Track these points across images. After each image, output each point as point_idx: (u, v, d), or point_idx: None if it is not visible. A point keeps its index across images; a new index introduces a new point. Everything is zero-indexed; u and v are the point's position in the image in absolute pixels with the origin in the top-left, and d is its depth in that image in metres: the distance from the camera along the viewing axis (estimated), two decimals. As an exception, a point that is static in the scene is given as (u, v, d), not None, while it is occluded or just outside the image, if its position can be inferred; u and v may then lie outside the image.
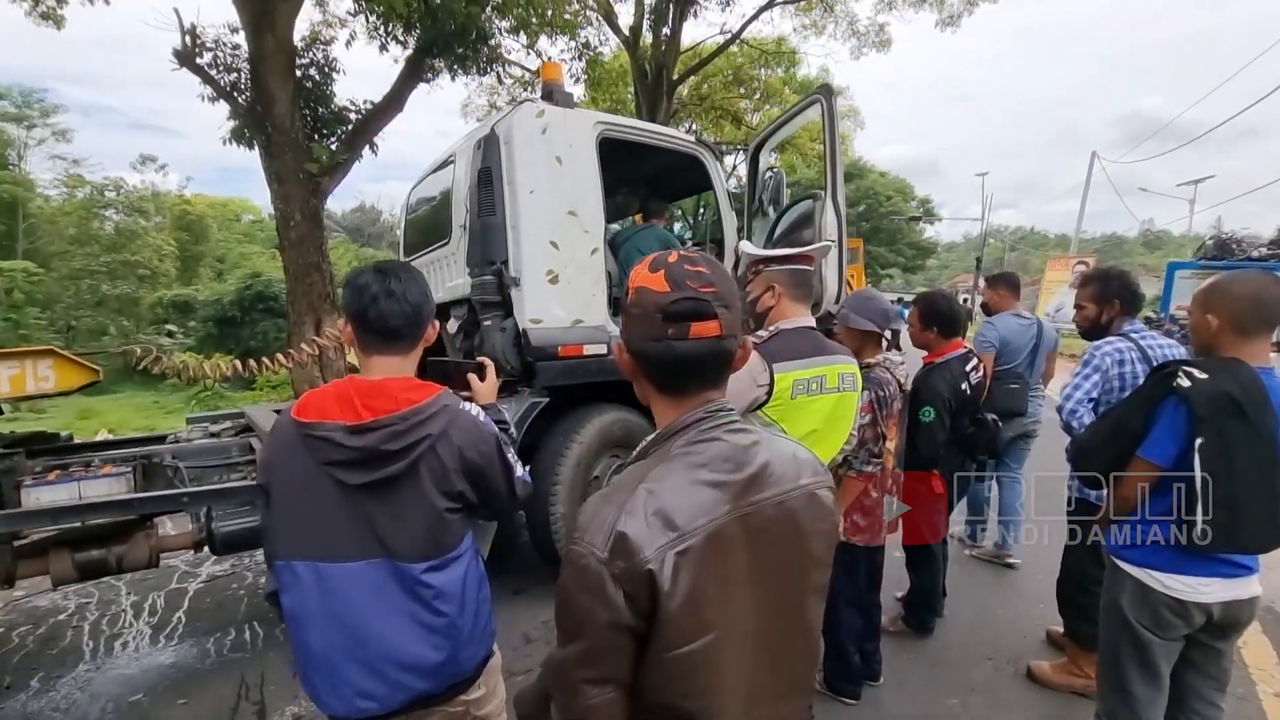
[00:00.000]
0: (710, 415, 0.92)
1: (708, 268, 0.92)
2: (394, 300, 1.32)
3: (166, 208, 36.82)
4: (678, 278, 0.89)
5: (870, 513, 2.38)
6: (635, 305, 0.92)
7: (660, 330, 0.88)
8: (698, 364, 0.91)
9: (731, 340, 0.93)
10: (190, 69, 7.98)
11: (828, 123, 3.48)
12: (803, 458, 0.99)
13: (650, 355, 0.91)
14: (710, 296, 0.89)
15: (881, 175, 43.58)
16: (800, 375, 1.84)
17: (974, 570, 3.85)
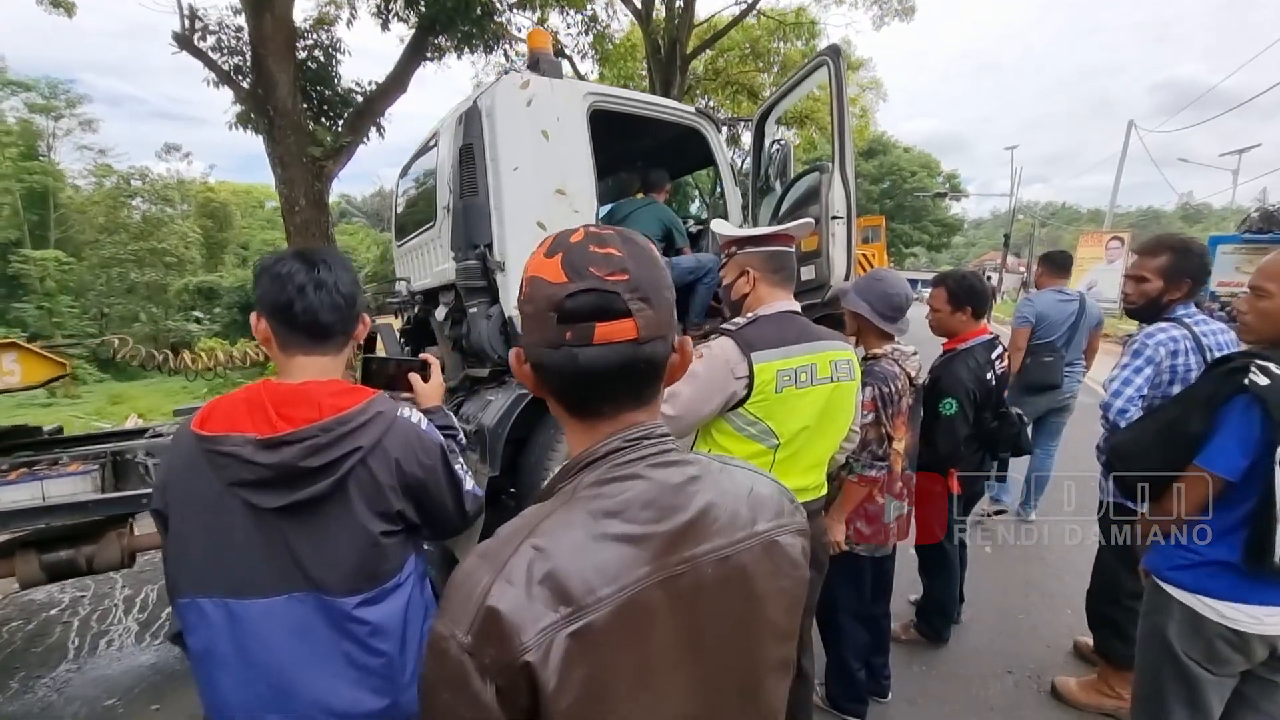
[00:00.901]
0: (630, 445, 0.70)
1: (622, 248, 0.70)
2: (325, 292, 1.13)
3: (191, 195, 37.31)
4: (578, 263, 0.67)
5: (875, 519, 2.16)
6: (528, 301, 0.70)
7: (556, 334, 0.67)
8: (608, 377, 0.69)
9: (657, 344, 0.70)
10: (190, 52, 7.86)
11: (835, 87, 3.19)
12: (763, 494, 0.77)
13: (548, 367, 0.69)
14: (621, 287, 0.67)
15: (906, 151, 42.36)
16: (784, 365, 1.61)
17: (996, 572, 3.60)
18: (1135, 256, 2.21)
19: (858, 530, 2.19)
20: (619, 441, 0.70)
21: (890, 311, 2.15)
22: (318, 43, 9.54)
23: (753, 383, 1.58)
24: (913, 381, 2.15)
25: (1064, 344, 3.76)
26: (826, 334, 1.74)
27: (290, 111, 7.91)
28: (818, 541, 1.79)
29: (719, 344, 1.62)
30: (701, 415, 1.63)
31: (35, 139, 33.79)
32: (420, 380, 1.50)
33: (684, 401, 1.63)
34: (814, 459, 1.72)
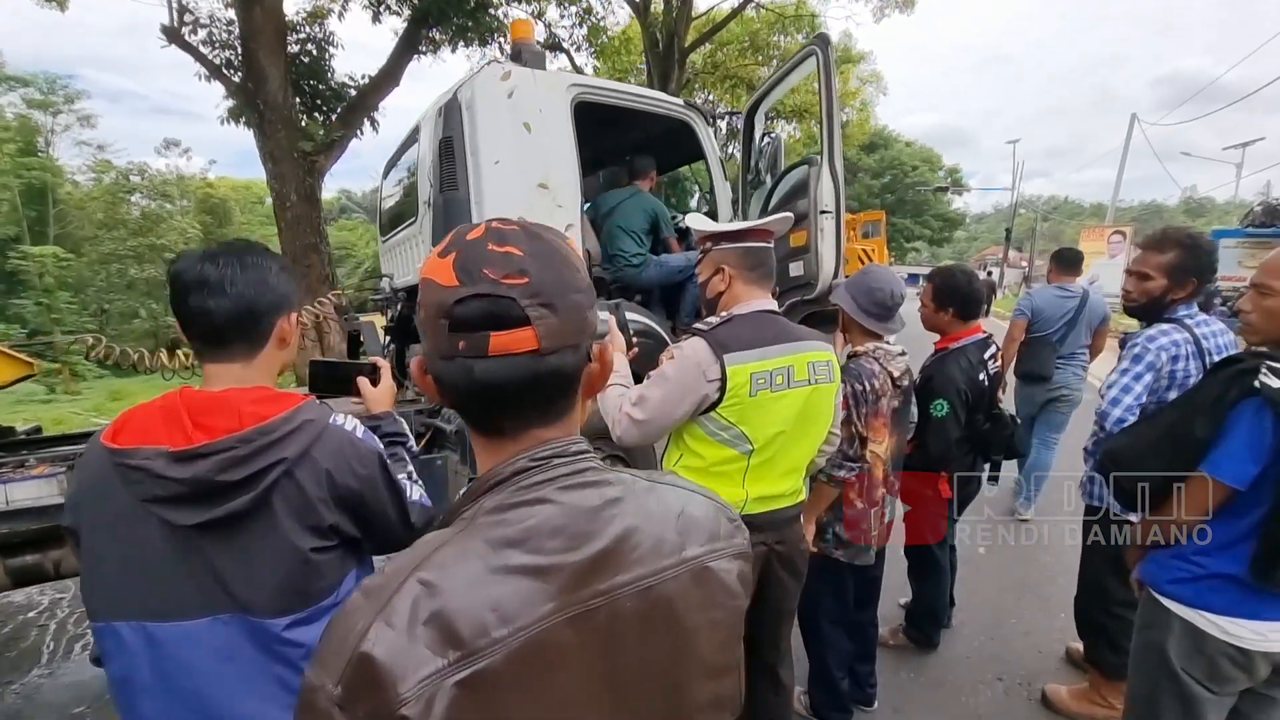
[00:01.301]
0: (538, 465, 0.63)
1: (525, 246, 0.62)
2: (211, 293, 1.04)
3: (190, 191, 37.19)
4: (470, 264, 0.60)
5: (854, 525, 2.08)
6: (422, 306, 0.62)
7: (449, 344, 0.60)
8: (509, 392, 0.61)
9: (565, 355, 0.63)
10: (179, 45, 7.78)
11: (823, 78, 3.10)
12: (696, 515, 0.70)
13: (444, 379, 0.62)
14: (518, 291, 0.59)
15: (907, 145, 42.13)
16: (759, 367, 1.53)
17: (990, 574, 3.52)
18: (1138, 251, 2.11)
19: (835, 536, 2.11)
20: (525, 461, 0.63)
21: (874, 308, 2.06)
22: (310, 36, 9.45)
23: (725, 385, 1.51)
24: (895, 382, 2.06)
25: (1059, 338, 3.83)
26: (806, 334, 1.67)
27: (281, 106, 7.84)
28: (795, 549, 1.72)
29: (690, 345, 1.55)
30: (673, 419, 1.56)
31: (34, 135, 33.69)
32: (369, 385, 1.43)
33: (653, 405, 1.56)
34: (790, 464, 1.65)
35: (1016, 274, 33.41)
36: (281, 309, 1.12)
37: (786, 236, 3.39)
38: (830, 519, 2.11)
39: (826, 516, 2.12)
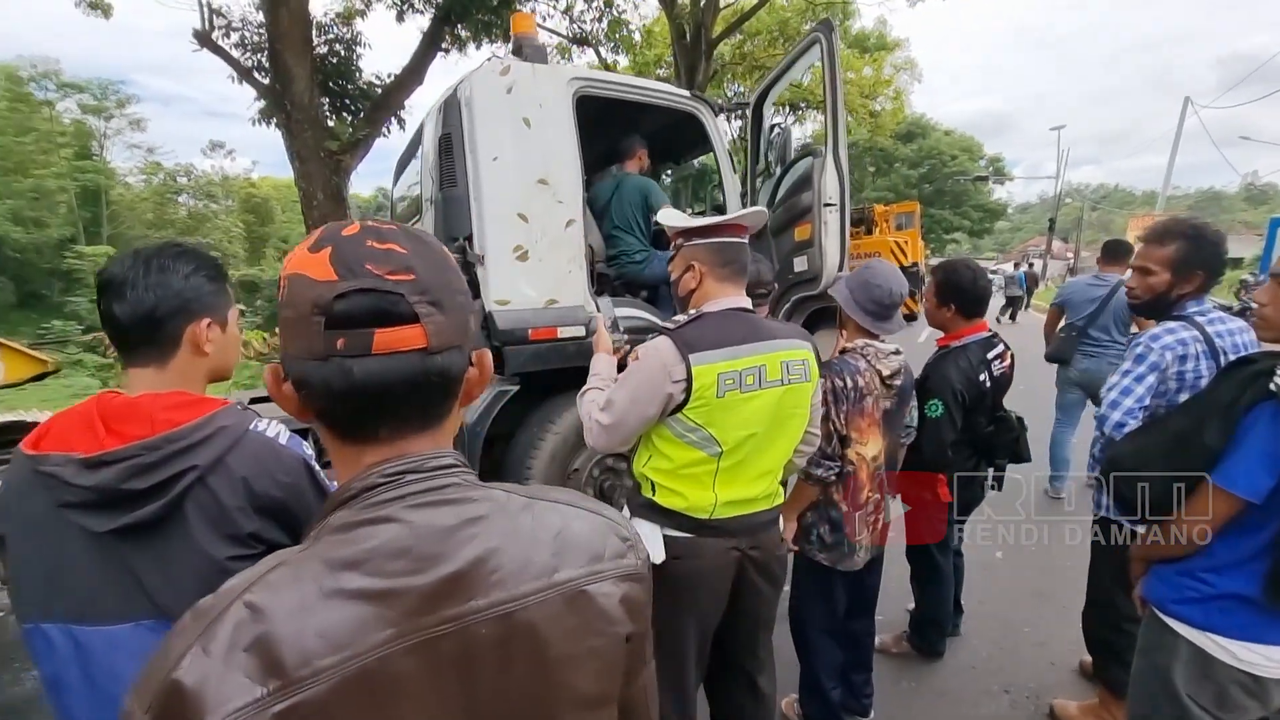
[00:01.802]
0: (390, 480, 0.59)
1: (406, 243, 0.60)
2: (115, 296, 1.03)
3: (234, 191, 38.42)
4: (352, 258, 0.57)
5: (838, 527, 2.00)
6: (287, 304, 0.59)
7: (324, 343, 0.56)
8: (391, 394, 0.58)
9: (451, 355, 0.61)
10: (210, 49, 7.99)
11: (828, 65, 2.99)
12: (577, 534, 0.66)
13: (314, 383, 0.58)
14: (406, 287, 0.57)
15: (946, 134, 40.94)
16: (727, 367, 1.48)
17: (1003, 578, 3.39)
18: (1140, 245, 1.98)
19: (820, 539, 2.04)
20: (376, 477, 0.59)
21: (871, 305, 1.98)
22: (338, 36, 9.61)
23: (691, 386, 1.45)
24: (886, 381, 1.97)
25: (1084, 325, 3.97)
26: (782, 332, 1.60)
27: (307, 106, 7.98)
28: (771, 554, 1.67)
29: (654, 344, 1.50)
30: (641, 421, 1.51)
31: (88, 139, 35.24)
32: None
33: (619, 408, 1.52)
34: (764, 467, 1.59)
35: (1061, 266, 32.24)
36: (189, 315, 1.08)
37: (790, 230, 3.30)
38: (814, 520, 2.04)
39: (810, 517, 2.05)
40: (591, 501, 0.73)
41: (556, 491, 0.72)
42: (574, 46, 13.84)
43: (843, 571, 2.05)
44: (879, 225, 16.01)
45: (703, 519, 1.55)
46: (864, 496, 1.99)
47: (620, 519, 0.73)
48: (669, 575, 1.59)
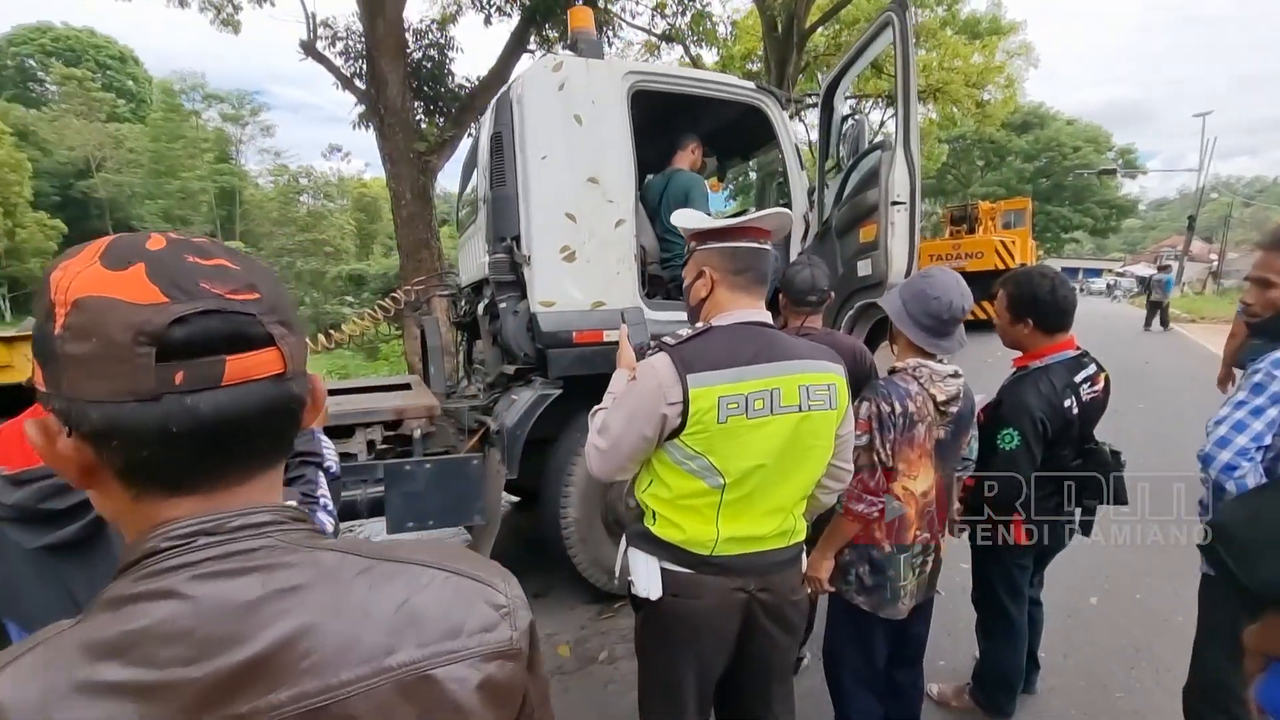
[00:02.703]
0: (178, 545, 0.49)
1: (232, 258, 0.51)
2: None
3: (348, 191, 41.32)
4: (180, 275, 0.48)
5: (880, 570, 1.76)
6: (81, 337, 0.46)
7: (156, 378, 0.46)
8: (244, 432, 0.50)
9: (301, 382, 0.54)
10: (314, 58, 8.51)
11: (900, 48, 2.70)
12: (428, 606, 0.54)
13: (133, 430, 0.47)
14: (255, 306, 0.50)
15: (1069, 123, 37.52)
16: (731, 390, 1.31)
17: (1098, 632, 2.96)
18: (1261, 252, 1.61)
19: (859, 580, 1.81)
20: (160, 540, 0.49)
21: (926, 319, 1.73)
22: (433, 41, 10.00)
23: (688, 410, 1.30)
24: (941, 407, 1.72)
25: None
26: (803, 351, 1.41)
27: (399, 110, 8.34)
28: (785, 598, 1.48)
29: (651, 362, 1.36)
30: (638, 447, 1.37)
31: (226, 144, 39.03)
32: None
33: (614, 431, 1.39)
34: (774, 503, 1.40)
35: (1201, 269, 28.79)
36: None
37: (856, 231, 3.03)
38: (853, 559, 1.82)
39: (849, 556, 1.83)
40: (466, 559, 0.60)
41: (417, 549, 0.59)
42: (662, 44, 13.75)
43: (880, 618, 1.82)
44: (983, 224, 14.87)
45: (703, 555, 1.39)
46: (910, 536, 1.75)
47: (499, 579, 0.60)
48: (666, 613, 1.44)
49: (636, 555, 1.46)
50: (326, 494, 1.26)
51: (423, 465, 2.89)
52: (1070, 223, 36.82)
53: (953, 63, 15.99)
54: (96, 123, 32.62)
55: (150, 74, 41.04)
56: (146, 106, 38.55)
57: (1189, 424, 4.25)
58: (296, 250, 35.45)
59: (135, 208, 32.64)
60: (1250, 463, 1.47)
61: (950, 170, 36.80)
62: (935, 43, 16.00)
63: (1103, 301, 29.16)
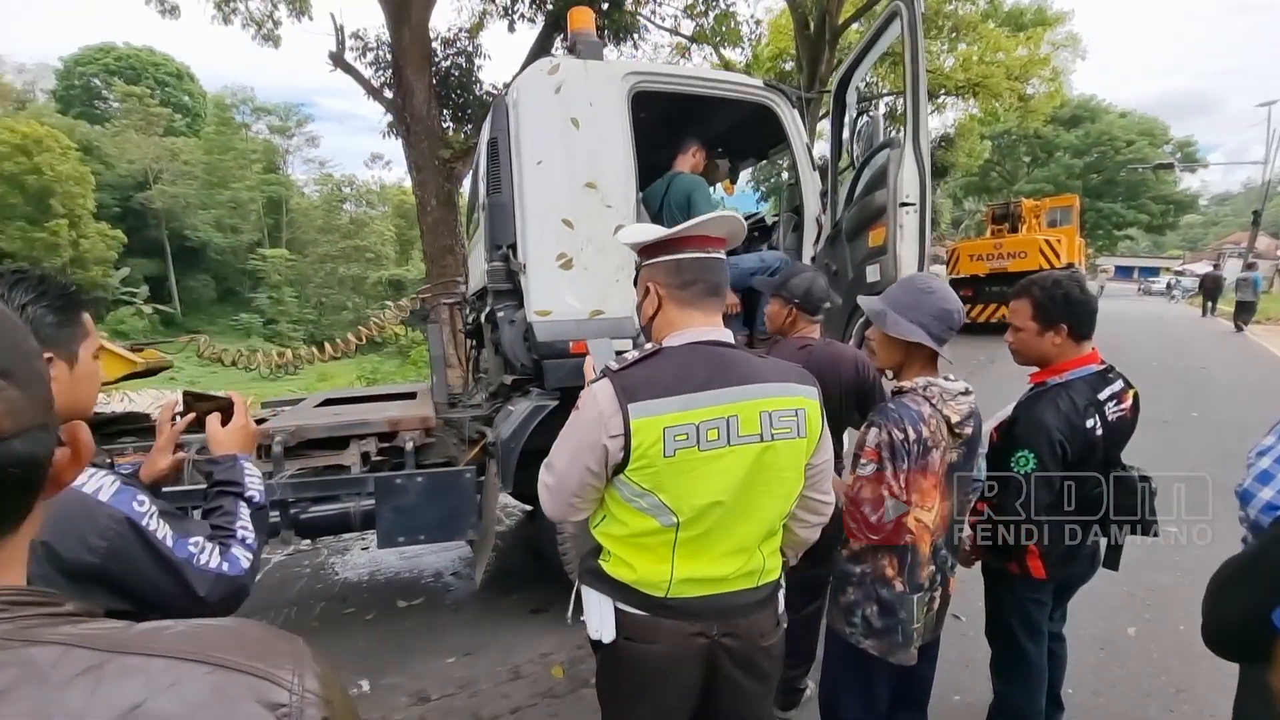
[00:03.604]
0: None
1: None
2: None
3: (388, 198, 42.34)
4: None
5: (890, 611, 1.61)
6: None
7: None
8: None
9: (34, 437, 0.46)
10: (343, 69, 8.67)
11: (909, 41, 2.52)
12: (163, 713, 0.44)
13: None
14: None
15: (1122, 116, 35.88)
16: (677, 420, 1.18)
17: (1135, 669, 2.72)
18: None
19: (866, 620, 1.66)
20: None
21: (935, 325, 1.59)
22: (460, 50, 10.10)
23: (630, 443, 1.18)
24: (955, 429, 1.56)
25: None
26: (767, 373, 1.27)
27: (425, 118, 8.43)
28: (753, 644, 1.34)
29: (593, 389, 1.24)
30: (584, 480, 1.25)
31: (274, 155, 40.44)
32: (216, 424, 1.31)
33: (559, 468, 1.28)
34: (735, 543, 1.27)
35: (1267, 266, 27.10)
36: None
37: (865, 234, 2.85)
38: (858, 599, 1.67)
39: (853, 595, 1.68)
40: (249, 647, 0.48)
41: (181, 637, 0.48)
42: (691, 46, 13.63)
43: (885, 661, 1.66)
44: (1026, 222, 14.27)
45: (658, 597, 1.27)
46: (924, 574, 1.59)
47: (288, 671, 0.47)
48: (619, 658, 1.32)
49: (589, 594, 1.35)
50: (247, 525, 1.18)
51: (414, 478, 2.84)
52: (1123, 220, 35.12)
53: (995, 56, 15.42)
54: (154, 137, 34.15)
55: (204, 89, 42.81)
56: (201, 120, 40.24)
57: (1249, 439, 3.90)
58: (339, 256, 36.48)
59: (189, 218, 34.06)
60: None
61: (995, 167, 35.60)
62: (976, 36, 15.46)
63: (1160, 302, 27.73)
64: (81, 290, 1.11)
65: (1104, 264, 40.43)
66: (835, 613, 1.74)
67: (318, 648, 0.51)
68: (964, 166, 21.98)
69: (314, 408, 3.57)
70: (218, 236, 35.04)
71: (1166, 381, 8.86)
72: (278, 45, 11.98)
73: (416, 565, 4.10)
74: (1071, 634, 2.92)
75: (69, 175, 27.68)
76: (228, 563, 1.08)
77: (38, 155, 26.56)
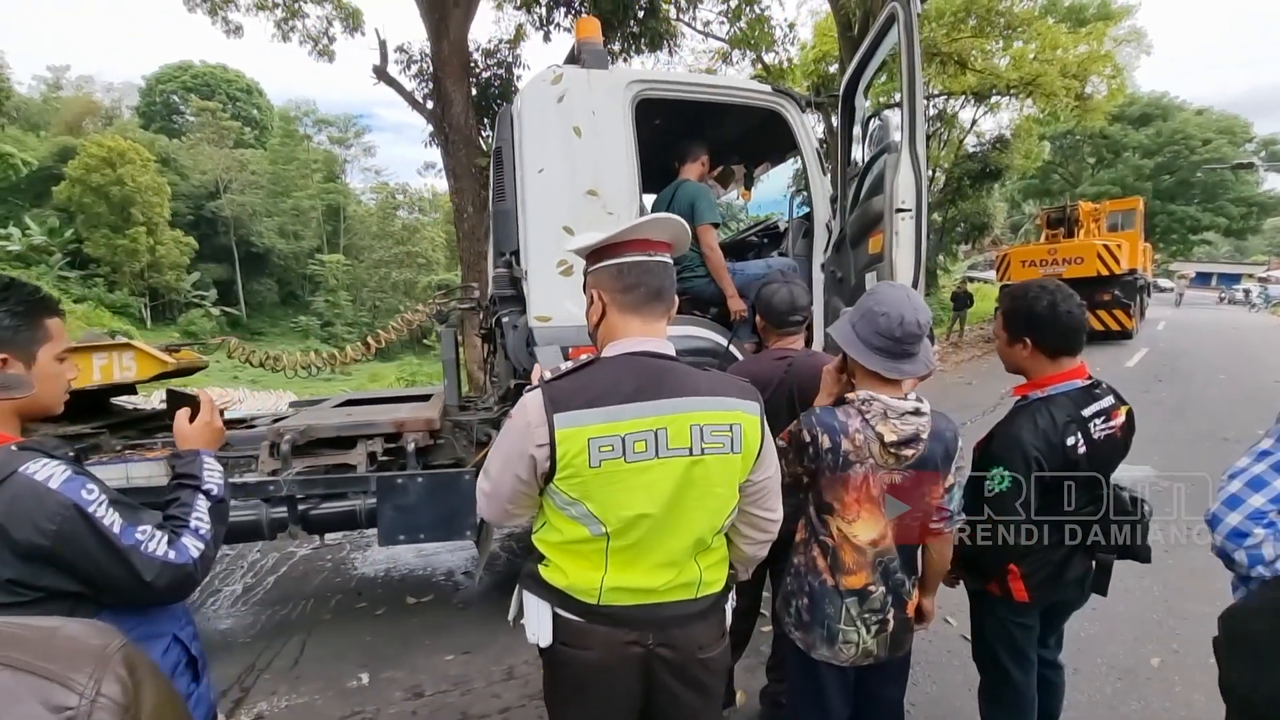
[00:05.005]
0: None
1: None
2: None
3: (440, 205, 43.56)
4: None
5: (818, 604, 1.56)
6: None
7: None
8: None
9: None
10: (386, 82, 8.98)
11: (905, 41, 2.45)
12: None
13: None
14: None
15: (1198, 114, 33.79)
16: (602, 430, 1.19)
17: (1153, 696, 2.56)
18: None
19: (797, 611, 1.63)
20: None
21: (875, 339, 1.52)
22: (500, 60, 10.34)
23: (555, 453, 1.19)
24: (891, 448, 1.50)
25: None
26: (701, 386, 1.26)
27: (463, 127, 8.65)
28: (690, 655, 1.33)
29: (524, 400, 1.26)
30: (516, 489, 1.27)
31: (334, 164, 42.23)
32: (183, 420, 1.38)
33: (493, 475, 1.31)
34: (666, 556, 1.26)
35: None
36: None
37: (865, 242, 2.79)
38: (793, 589, 1.65)
39: (790, 585, 1.67)
40: (40, 645, 0.50)
41: None
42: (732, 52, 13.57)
43: (838, 667, 1.61)
44: (1084, 226, 13.61)
45: (589, 603, 1.27)
46: (857, 583, 1.55)
47: (83, 673, 0.48)
48: (557, 662, 1.34)
49: (529, 599, 1.36)
50: (202, 517, 1.25)
51: (415, 478, 2.91)
52: (1199, 223, 33.03)
53: (1055, 54, 14.78)
54: (225, 149, 36.19)
55: (271, 103, 45.14)
56: (268, 133, 42.44)
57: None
58: (392, 261, 37.74)
59: (255, 225, 35.93)
60: (1269, 529, 1.18)
61: (1056, 169, 34.07)
62: (1032, 33, 14.84)
63: (1239, 311, 25.98)
64: (49, 299, 1.20)
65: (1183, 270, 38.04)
66: (780, 602, 1.73)
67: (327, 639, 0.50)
68: (1020, 168, 21.10)
69: (332, 408, 3.70)
70: (280, 243, 36.81)
71: (1233, 395, 8.30)
72: (332, 60, 12.49)
73: (430, 563, 4.20)
74: (1089, 661, 2.80)
75: (148, 186, 29.61)
76: (175, 551, 1.14)
77: (121, 168, 28.50)
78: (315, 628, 3.38)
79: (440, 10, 8.28)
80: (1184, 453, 5.69)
